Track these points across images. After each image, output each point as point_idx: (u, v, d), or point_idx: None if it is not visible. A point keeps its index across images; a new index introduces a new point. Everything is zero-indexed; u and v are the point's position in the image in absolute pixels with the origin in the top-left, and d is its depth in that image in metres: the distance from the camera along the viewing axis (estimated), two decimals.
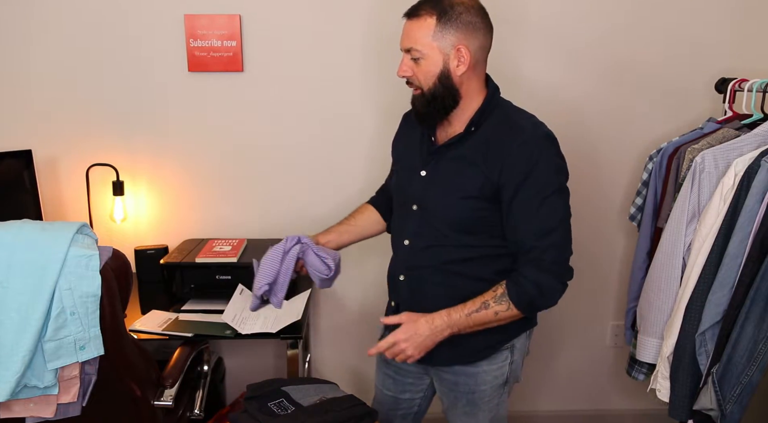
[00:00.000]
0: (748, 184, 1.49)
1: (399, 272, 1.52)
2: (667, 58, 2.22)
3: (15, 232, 1.30)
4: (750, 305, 1.43)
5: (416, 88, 1.40)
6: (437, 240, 1.43)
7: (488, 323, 1.37)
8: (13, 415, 1.37)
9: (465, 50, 1.35)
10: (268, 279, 1.62)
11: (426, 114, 1.41)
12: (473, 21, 1.35)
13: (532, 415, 2.52)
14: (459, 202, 1.39)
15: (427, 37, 1.34)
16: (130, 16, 2.11)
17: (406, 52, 1.38)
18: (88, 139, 2.19)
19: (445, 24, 1.33)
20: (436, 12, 1.33)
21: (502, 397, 1.56)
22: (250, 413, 1.49)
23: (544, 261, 1.34)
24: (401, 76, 1.41)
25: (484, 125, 1.40)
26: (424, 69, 1.36)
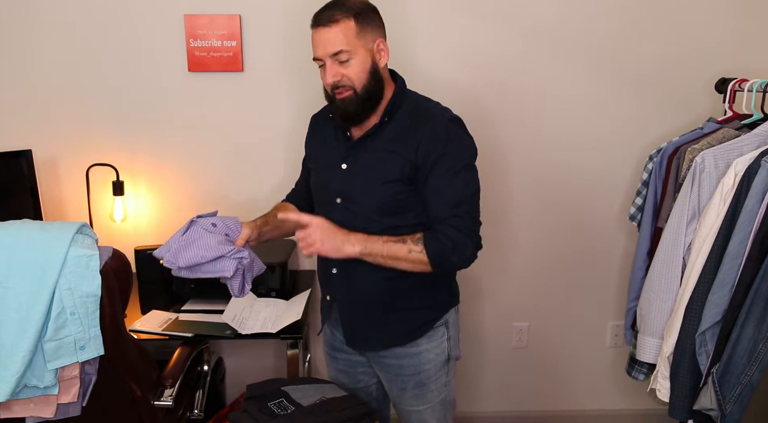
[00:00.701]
0: (748, 184, 1.49)
1: (331, 266, 1.56)
2: (667, 58, 2.22)
3: (15, 232, 1.30)
4: (750, 305, 1.43)
5: (347, 90, 1.43)
6: (365, 228, 1.46)
7: (399, 260, 1.42)
8: (13, 415, 1.37)
9: (383, 43, 1.46)
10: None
11: (356, 114, 1.46)
12: (378, 18, 1.47)
13: (531, 414, 2.52)
14: (382, 186, 1.45)
15: (352, 37, 1.40)
16: (130, 16, 2.11)
17: (333, 57, 1.41)
18: (88, 139, 2.19)
19: (362, 23, 1.41)
20: (352, 14, 1.40)
21: (448, 376, 1.62)
22: (250, 413, 1.49)
23: (459, 225, 1.42)
24: (332, 83, 1.43)
25: (397, 114, 1.48)
26: (355, 68, 1.42)
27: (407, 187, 1.45)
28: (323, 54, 1.42)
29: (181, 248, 1.42)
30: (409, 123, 1.46)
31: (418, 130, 1.44)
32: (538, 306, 2.44)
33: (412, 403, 1.61)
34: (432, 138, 1.42)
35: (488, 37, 2.18)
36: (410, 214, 1.48)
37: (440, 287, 1.59)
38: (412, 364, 1.56)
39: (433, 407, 1.61)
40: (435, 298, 1.58)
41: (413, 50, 2.18)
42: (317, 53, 1.44)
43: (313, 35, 1.43)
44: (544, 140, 2.28)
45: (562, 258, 2.39)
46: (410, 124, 1.46)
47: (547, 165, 2.30)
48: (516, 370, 2.49)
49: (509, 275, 2.40)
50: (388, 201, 1.46)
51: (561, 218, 2.36)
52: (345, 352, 1.67)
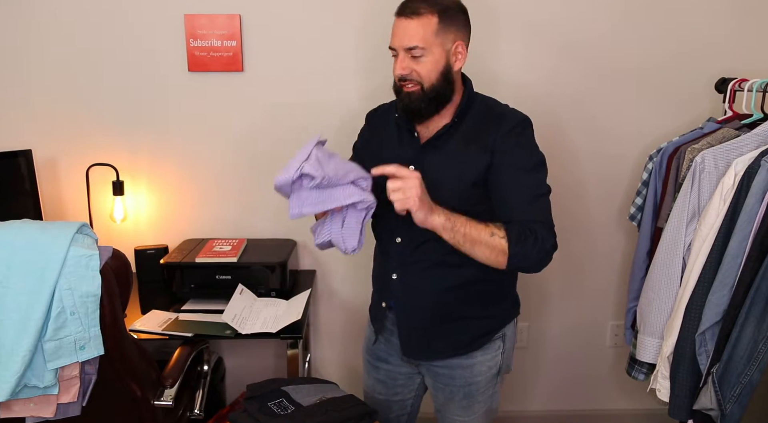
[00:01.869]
0: (748, 184, 1.49)
1: (391, 271, 1.52)
2: (667, 58, 2.22)
3: (15, 232, 1.30)
4: (750, 305, 1.43)
5: (414, 85, 1.40)
6: (430, 233, 1.38)
7: (477, 242, 1.33)
8: (13, 414, 1.37)
9: (462, 47, 1.41)
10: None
11: (421, 109, 1.42)
12: (465, 20, 1.43)
13: (532, 414, 2.52)
14: (451, 191, 1.40)
15: (430, 34, 1.36)
16: (130, 16, 2.11)
17: (407, 50, 1.38)
18: (88, 139, 2.19)
19: (445, 22, 1.37)
20: (437, 10, 1.36)
21: (495, 387, 1.58)
22: (250, 413, 1.49)
23: (536, 223, 1.37)
24: (400, 75, 1.40)
25: (467, 116, 1.46)
26: (427, 66, 1.38)
27: (479, 192, 1.41)
28: (398, 45, 1.39)
29: (324, 159, 1.30)
30: (481, 124, 1.43)
31: (490, 132, 1.41)
32: (538, 306, 2.44)
33: (458, 413, 1.57)
34: (505, 136, 1.40)
35: (486, 36, 2.18)
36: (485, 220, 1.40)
37: (504, 296, 1.56)
38: (464, 376, 1.53)
39: (478, 419, 1.58)
40: (498, 308, 1.54)
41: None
42: (393, 42, 1.40)
43: (395, 22, 1.39)
44: (544, 140, 2.27)
45: (562, 258, 2.38)
46: (482, 125, 1.43)
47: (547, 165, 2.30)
48: (516, 370, 2.49)
49: None
50: (457, 205, 1.37)
51: (561, 218, 2.33)
52: (388, 363, 1.62)
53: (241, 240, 2.15)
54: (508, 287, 1.58)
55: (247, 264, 1.99)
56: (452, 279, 1.46)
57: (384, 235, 1.55)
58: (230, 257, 1.98)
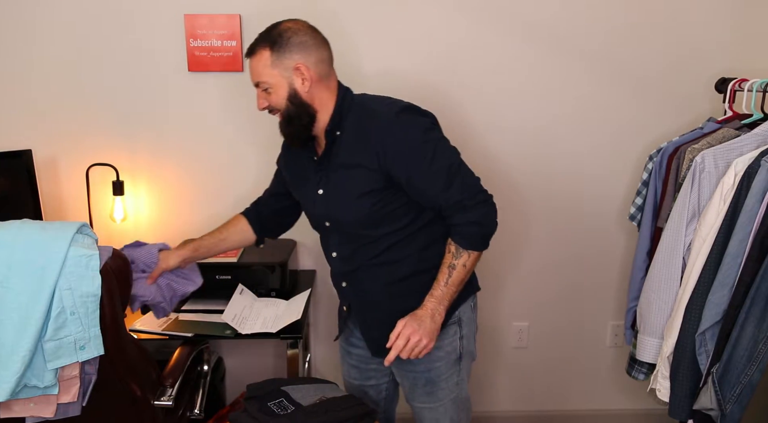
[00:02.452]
0: (748, 184, 1.49)
1: (340, 280, 1.62)
2: (667, 58, 2.22)
3: (15, 232, 1.30)
4: (750, 305, 1.43)
5: (277, 114, 1.50)
6: (358, 243, 1.52)
7: (464, 280, 1.49)
8: (13, 414, 1.37)
9: (304, 67, 1.44)
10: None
11: (290, 134, 1.51)
12: (303, 40, 1.46)
13: (531, 414, 2.52)
14: (356, 202, 1.46)
15: (266, 67, 1.45)
16: (130, 16, 2.11)
17: (256, 87, 1.49)
18: (88, 139, 2.19)
19: (278, 51, 1.44)
20: (268, 44, 1.44)
21: (460, 375, 1.61)
22: (250, 413, 1.49)
23: (464, 202, 1.44)
24: (261, 109, 1.51)
25: (346, 126, 1.48)
26: (274, 96, 1.47)
27: (383, 195, 1.46)
28: (252, 81, 1.50)
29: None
30: (361, 131, 1.46)
31: (371, 135, 1.44)
32: (538, 306, 2.44)
33: (424, 400, 1.62)
34: (388, 137, 1.42)
35: (488, 38, 2.18)
36: (394, 219, 1.49)
37: None
38: (422, 362, 1.55)
39: (444, 405, 1.61)
40: None
41: (401, 53, 2.18)
42: (251, 80, 1.51)
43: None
44: (544, 140, 2.29)
45: (562, 258, 2.39)
46: (361, 130, 1.46)
47: (547, 165, 2.30)
48: (516, 370, 2.49)
49: (509, 275, 2.40)
50: (367, 214, 1.47)
51: (561, 218, 2.36)
52: (359, 347, 1.69)
53: None
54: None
55: (247, 264, 1.99)
56: (392, 275, 1.53)
57: (324, 251, 1.65)
58: (230, 257, 1.98)
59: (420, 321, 1.44)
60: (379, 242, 1.50)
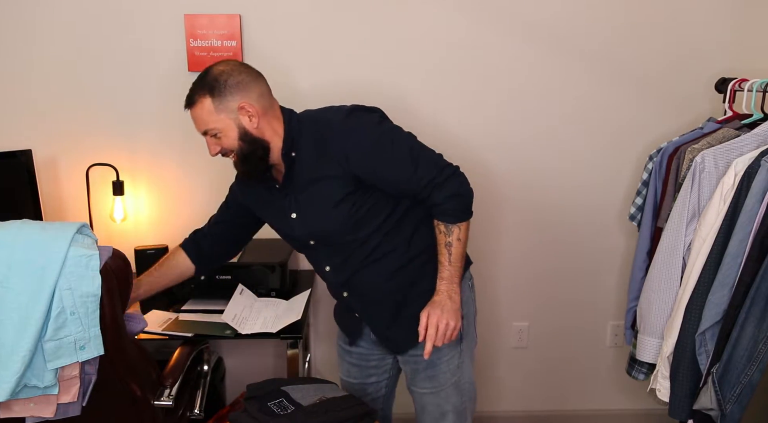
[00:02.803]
0: (748, 184, 1.49)
1: (340, 291, 1.62)
2: (667, 58, 2.22)
3: (15, 232, 1.30)
4: (750, 305, 1.43)
5: (231, 156, 1.51)
6: (347, 250, 1.54)
7: (464, 251, 1.53)
8: (13, 414, 1.37)
9: (248, 105, 1.46)
10: None
11: (247, 172, 1.53)
12: (240, 79, 1.46)
13: (531, 414, 2.52)
14: (335, 211, 1.48)
15: (211, 114, 1.45)
16: (130, 16, 2.11)
17: (205, 135, 1.50)
18: (88, 139, 2.19)
19: (219, 96, 1.44)
20: (207, 91, 1.44)
21: (462, 356, 1.62)
22: (250, 413, 1.49)
23: (435, 179, 1.46)
24: (214, 155, 1.53)
25: (301, 144, 1.50)
26: (225, 139, 1.48)
27: (356, 198, 1.48)
28: (198, 131, 1.51)
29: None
30: (317, 143, 1.48)
31: (328, 144, 1.46)
32: (538, 306, 2.44)
33: (425, 385, 1.62)
34: (345, 141, 1.44)
35: (487, 38, 2.18)
36: (373, 217, 1.50)
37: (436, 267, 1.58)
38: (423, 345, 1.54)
39: (446, 390, 1.61)
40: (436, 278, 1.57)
41: (409, 49, 2.18)
42: (196, 129, 1.51)
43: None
44: (544, 140, 2.28)
45: (562, 258, 2.39)
46: (317, 142, 1.48)
47: (547, 165, 2.30)
48: (516, 370, 2.49)
49: (509, 275, 2.40)
50: (347, 221, 1.49)
51: (561, 218, 2.36)
52: (359, 346, 1.70)
53: None
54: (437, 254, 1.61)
55: (247, 264, 1.99)
56: (386, 270, 1.55)
57: (316, 268, 1.66)
58: None
59: (441, 306, 1.47)
60: (367, 243, 1.52)
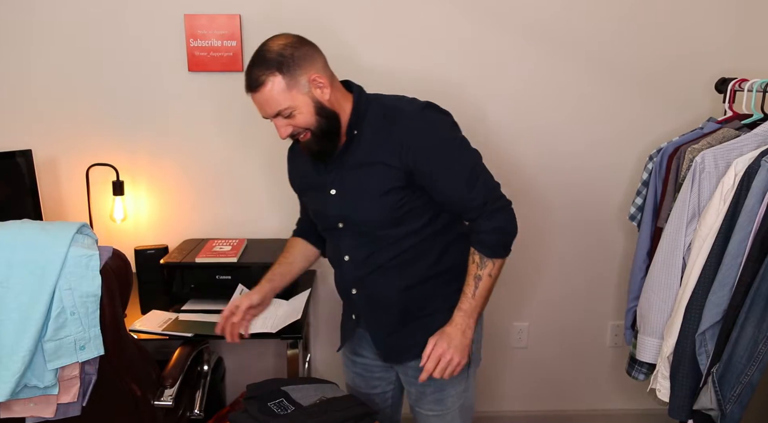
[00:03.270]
0: (748, 184, 1.49)
1: (349, 287, 1.56)
2: (667, 58, 2.22)
3: (15, 232, 1.30)
4: (750, 305, 1.43)
5: (304, 134, 1.42)
6: (374, 245, 1.47)
7: (491, 290, 1.47)
8: (13, 414, 1.37)
9: (318, 76, 1.39)
10: None
11: (324, 149, 1.44)
12: (304, 51, 1.39)
13: (531, 414, 2.52)
14: (377, 201, 1.42)
15: (283, 93, 1.37)
16: (130, 16, 2.11)
17: (276, 117, 1.40)
18: (88, 139, 2.19)
19: (288, 71, 1.36)
20: (274, 68, 1.36)
21: (468, 382, 1.59)
22: (250, 413, 1.49)
23: (486, 206, 1.42)
24: (287, 137, 1.43)
25: (364, 124, 1.44)
26: (302, 117, 1.39)
27: (403, 194, 1.42)
28: (267, 115, 1.42)
29: None
30: (381, 129, 1.42)
31: (393, 132, 1.40)
32: (538, 306, 2.44)
33: (431, 408, 1.58)
34: (413, 133, 1.38)
35: (487, 37, 2.18)
36: (412, 220, 1.45)
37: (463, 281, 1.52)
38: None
39: (452, 413, 1.58)
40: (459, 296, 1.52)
41: (409, 51, 2.18)
42: (262, 115, 1.43)
43: (252, 98, 1.41)
44: (544, 140, 2.28)
45: (562, 258, 2.39)
46: (382, 127, 1.42)
47: (547, 165, 2.30)
48: (516, 370, 2.49)
49: (509, 275, 2.39)
50: (387, 214, 1.43)
51: (561, 218, 2.36)
52: (364, 356, 1.66)
53: (241, 240, 2.15)
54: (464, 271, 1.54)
55: (247, 264, 1.99)
56: (408, 278, 1.48)
57: (333, 256, 1.59)
58: (230, 257, 1.98)
59: (450, 339, 1.42)
60: (398, 244, 1.46)
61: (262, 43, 1.42)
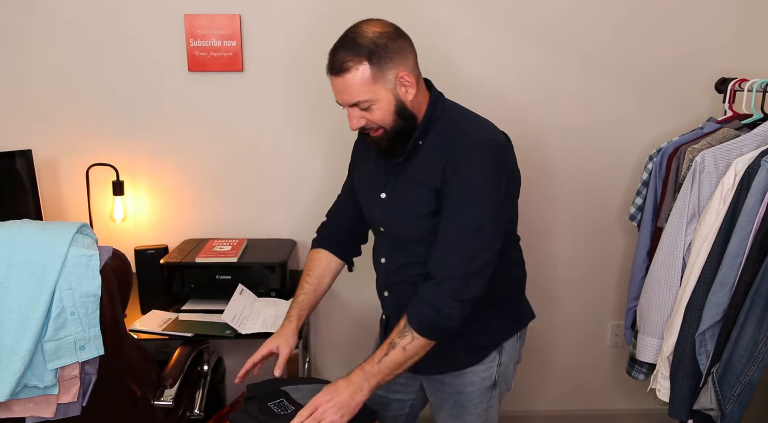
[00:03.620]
0: (748, 184, 1.49)
1: (383, 289, 1.52)
2: (667, 58, 2.22)
3: (15, 232, 1.30)
4: (750, 305, 1.43)
5: (376, 130, 1.34)
6: (408, 257, 1.41)
7: (402, 364, 1.29)
8: (13, 414, 1.37)
9: (407, 75, 1.30)
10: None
11: (392, 148, 1.35)
12: (399, 45, 1.29)
13: (531, 414, 2.52)
14: (416, 221, 1.35)
15: (367, 84, 1.26)
16: (130, 16, 2.11)
17: (352, 107, 1.31)
18: (88, 139, 2.19)
19: (378, 63, 1.26)
20: (364, 56, 1.25)
21: (491, 401, 1.52)
22: (250, 413, 1.49)
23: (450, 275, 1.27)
24: (356, 129, 1.34)
25: (430, 137, 1.35)
26: (379, 113, 1.30)
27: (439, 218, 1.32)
28: (342, 102, 1.32)
29: None
30: (440, 146, 1.31)
31: (445, 155, 1.29)
32: (538, 306, 2.43)
33: (448, 422, 1.53)
34: (457, 166, 1.27)
35: (487, 36, 2.18)
36: None
37: (502, 311, 1.48)
38: (454, 384, 1.48)
39: None
40: (495, 322, 1.46)
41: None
42: (336, 99, 1.33)
43: (331, 81, 1.31)
44: (543, 140, 2.28)
45: (561, 257, 2.39)
46: (441, 147, 1.31)
47: (547, 165, 2.30)
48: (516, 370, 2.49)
49: None
50: (423, 236, 1.35)
51: (560, 218, 2.36)
52: None
53: (241, 240, 2.15)
54: (508, 303, 1.51)
55: (247, 264, 1.99)
56: None
57: (374, 255, 1.55)
58: (230, 257, 1.98)
59: (336, 393, 1.28)
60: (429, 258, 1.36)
61: (355, 24, 1.31)
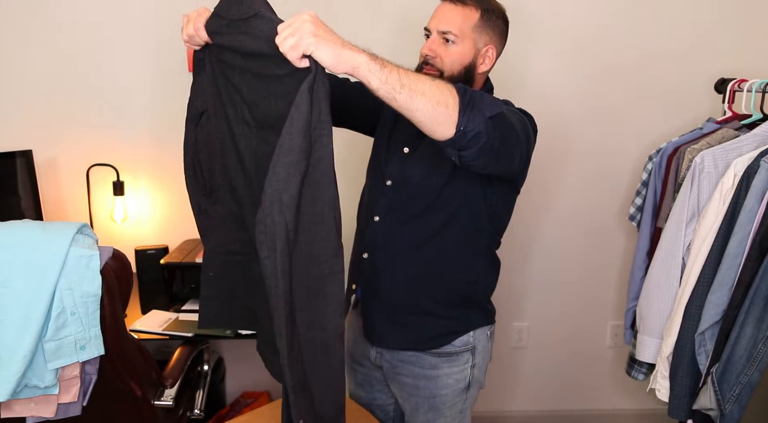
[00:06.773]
0: (747, 184, 1.49)
1: (363, 251, 1.48)
2: (667, 58, 2.22)
3: (15, 232, 1.30)
4: (749, 305, 1.43)
5: (434, 70, 1.38)
6: (410, 218, 1.41)
7: (420, 81, 1.10)
8: (13, 414, 1.37)
9: (493, 52, 1.41)
10: None
11: None
12: (504, 29, 1.43)
13: (531, 414, 2.52)
14: (439, 180, 1.37)
15: (468, 26, 1.36)
16: (130, 16, 2.11)
17: (440, 34, 1.38)
18: (88, 140, 2.19)
19: (486, 21, 1.37)
20: (481, 8, 1.37)
21: (465, 403, 1.52)
22: None
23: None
24: (426, 54, 1.38)
25: None
26: (453, 55, 1.37)
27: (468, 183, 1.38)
28: (434, 26, 1.39)
29: None
30: None
31: None
32: (538, 306, 2.44)
33: None
34: None
35: None
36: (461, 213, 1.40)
37: (473, 300, 1.50)
38: (428, 387, 1.48)
39: None
40: (466, 311, 1.48)
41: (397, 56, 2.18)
42: (430, 24, 1.40)
43: (439, 6, 1.40)
44: (543, 141, 2.28)
45: (562, 258, 2.39)
46: None
47: (546, 165, 2.30)
48: (516, 370, 2.49)
49: (509, 276, 2.40)
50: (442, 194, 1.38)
51: (560, 218, 2.36)
52: (363, 366, 1.60)
53: None
54: (481, 293, 1.52)
55: None
56: (424, 270, 1.43)
57: (363, 214, 1.52)
58: None
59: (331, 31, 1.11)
60: (424, 224, 1.40)
61: None
